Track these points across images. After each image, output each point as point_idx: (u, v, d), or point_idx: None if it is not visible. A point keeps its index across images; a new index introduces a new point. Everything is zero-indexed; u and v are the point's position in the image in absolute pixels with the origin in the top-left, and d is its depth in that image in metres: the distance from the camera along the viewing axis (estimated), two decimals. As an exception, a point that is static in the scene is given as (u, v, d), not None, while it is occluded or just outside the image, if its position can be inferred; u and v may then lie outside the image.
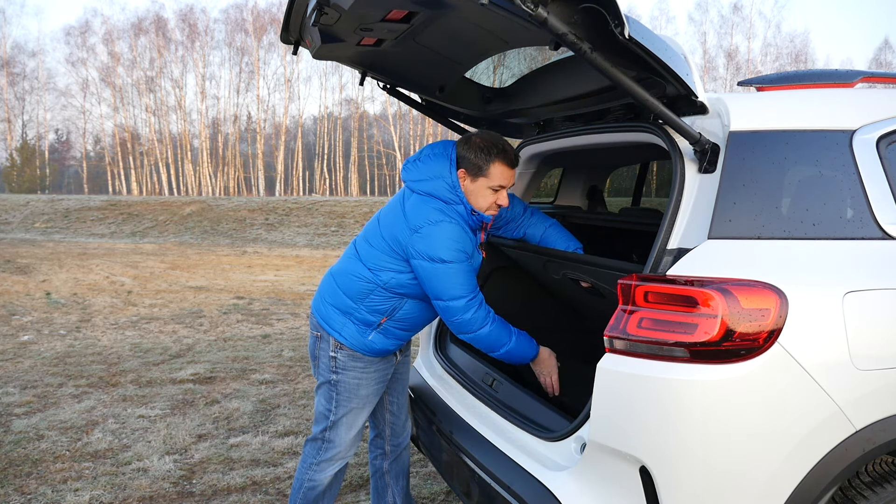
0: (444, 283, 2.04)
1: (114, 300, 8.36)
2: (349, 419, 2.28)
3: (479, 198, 2.13)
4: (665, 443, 1.52)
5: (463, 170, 2.12)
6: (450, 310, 2.06)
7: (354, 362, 2.23)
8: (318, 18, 1.91)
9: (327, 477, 2.33)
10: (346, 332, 2.22)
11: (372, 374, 2.28)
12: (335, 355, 2.23)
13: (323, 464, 2.31)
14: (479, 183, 2.12)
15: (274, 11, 46.80)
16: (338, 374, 2.24)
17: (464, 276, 2.05)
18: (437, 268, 2.03)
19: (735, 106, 1.73)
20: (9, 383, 4.68)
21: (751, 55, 45.51)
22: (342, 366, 2.23)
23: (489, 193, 2.13)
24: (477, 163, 2.10)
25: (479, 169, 2.10)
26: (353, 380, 2.24)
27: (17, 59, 48.04)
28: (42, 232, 21.14)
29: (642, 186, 3.99)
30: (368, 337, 2.21)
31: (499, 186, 2.13)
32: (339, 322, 2.23)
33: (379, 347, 2.24)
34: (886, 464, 1.74)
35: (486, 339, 2.10)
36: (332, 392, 2.26)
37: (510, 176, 2.16)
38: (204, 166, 48.04)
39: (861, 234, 1.67)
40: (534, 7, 1.35)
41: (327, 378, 2.26)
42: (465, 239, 2.07)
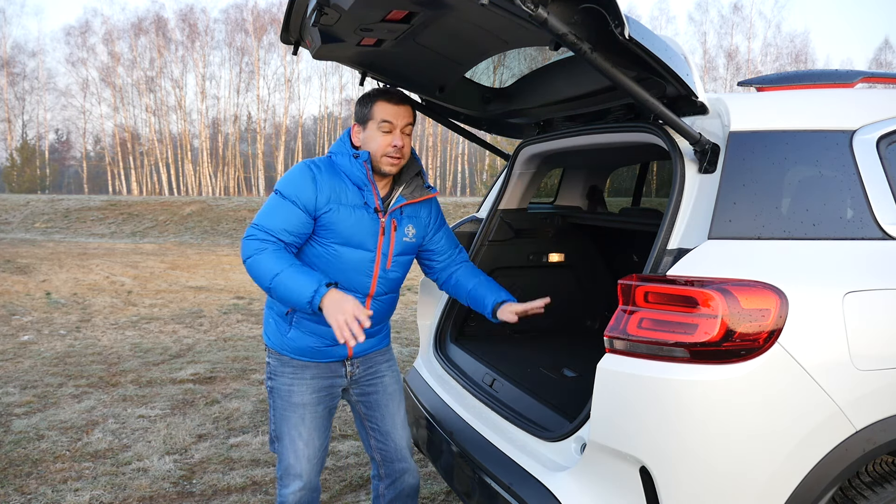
0: (263, 208, 2.02)
1: (114, 300, 8.36)
2: (290, 431, 2.12)
3: (373, 143, 2.08)
4: (665, 443, 1.52)
5: (355, 124, 2.14)
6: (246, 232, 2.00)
7: (284, 367, 2.13)
8: (318, 19, 1.91)
9: (289, 494, 2.13)
10: (269, 330, 2.17)
11: (307, 381, 2.12)
12: (269, 360, 2.18)
13: (284, 478, 2.14)
14: (369, 128, 2.09)
15: (274, 11, 46.82)
16: (272, 379, 2.16)
17: (274, 210, 1.98)
18: (270, 196, 2.05)
19: (735, 106, 1.73)
20: (9, 383, 4.68)
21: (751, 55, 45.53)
22: (274, 371, 2.16)
23: (380, 135, 2.07)
24: (361, 109, 2.12)
25: (364, 114, 2.11)
26: (284, 385, 2.13)
27: (17, 59, 48.06)
28: (42, 232, 21.14)
29: (642, 186, 3.99)
30: (287, 334, 2.10)
31: (384, 123, 2.06)
32: (266, 322, 2.19)
33: (299, 345, 2.10)
34: (886, 464, 1.74)
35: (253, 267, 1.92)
36: (271, 400, 2.18)
37: (395, 112, 2.07)
38: (204, 166, 48.05)
39: (861, 235, 1.67)
40: (534, 7, 1.35)
41: (267, 386, 2.20)
42: (305, 181, 2.01)
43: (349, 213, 2.03)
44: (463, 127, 2.97)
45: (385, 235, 2.09)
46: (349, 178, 2.07)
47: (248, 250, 1.94)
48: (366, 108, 2.10)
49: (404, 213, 2.15)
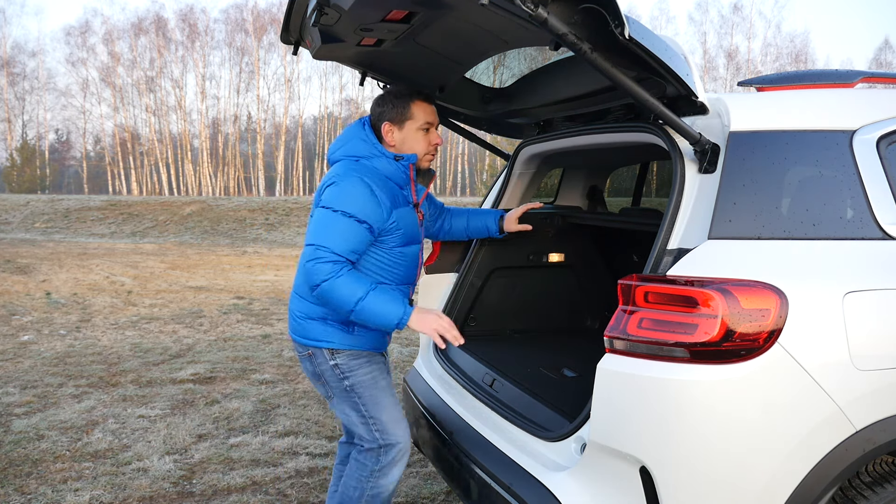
0: (323, 228, 1.96)
1: (114, 300, 8.36)
2: (388, 412, 2.17)
3: (413, 143, 2.11)
4: (665, 443, 1.52)
5: (387, 122, 2.11)
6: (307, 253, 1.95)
7: (356, 360, 2.15)
8: (318, 19, 1.91)
9: (390, 483, 2.20)
10: (331, 336, 2.14)
11: (378, 365, 2.20)
12: (335, 362, 2.14)
13: (387, 467, 2.18)
14: (407, 128, 2.10)
15: (274, 11, 46.82)
16: (348, 377, 2.14)
17: (342, 232, 1.95)
18: (327, 215, 1.96)
19: (735, 106, 1.73)
20: (9, 383, 4.68)
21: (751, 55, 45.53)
22: (347, 369, 2.14)
23: (421, 136, 2.11)
24: (397, 109, 2.10)
25: (402, 114, 2.10)
26: (367, 375, 2.15)
27: (17, 59, 48.07)
28: (42, 232, 21.14)
29: (642, 186, 3.99)
30: (354, 332, 2.14)
31: (427, 125, 2.11)
32: (321, 330, 2.14)
33: (367, 338, 2.16)
34: (886, 464, 1.74)
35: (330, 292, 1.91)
36: (354, 398, 2.15)
37: (433, 112, 2.14)
38: (204, 166, 48.04)
39: (861, 235, 1.67)
40: (534, 7, 1.35)
41: (341, 387, 2.16)
42: (370, 200, 1.98)
43: (406, 213, 2.12)
44: (463, 127, 2.97)
45: (422, 225, 2.24)
46: (393, 181, 2.09)
47: (321, 274, 1.91)
48: (403, 109, 2.10)
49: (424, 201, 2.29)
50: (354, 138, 2.12)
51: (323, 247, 1.94)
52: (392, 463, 2.19)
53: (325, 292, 1.92)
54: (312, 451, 3.54)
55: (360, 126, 2.15)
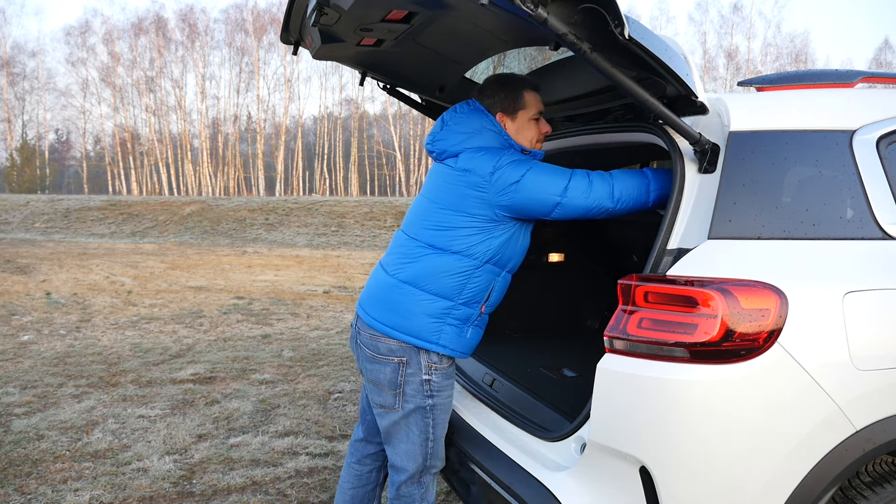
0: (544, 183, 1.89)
1: (114, 300, 8.36)
2: (444, 431, 2.14)
3: (526, 132, 2.10)
4: (665, 443, 1.52)
5: (500, 112, 2.08)
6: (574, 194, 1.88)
7: (448, 380, 2.07)
8: (318, 19, 1.91)
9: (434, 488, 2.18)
10: (443, 339, 2.00)
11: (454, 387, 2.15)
12: (429, 377, 2.02)
13: (430, 486, 2.16)
14: (520, 118, 2.09)
15: (274, 11, 46.83)
16: (433, 397, 2.04)
17: (552, 170, 1.92)
18: (526, 181, 1.90)
19: (735, 106, 1.73)
20: (9, 383, 4.68)
21: (751, 55, 45.54)
22: (437, 388, 2.04)
23: (532, 125, 2.11)
24: (510, 98, 2.07)
25: (514, 103, 2.08)
26: (447, 399, 2.09)
27: (17, 59, 48.08)
28: (42, 232, 21.14)
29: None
30: (467, 335, 2.05)
31: (538, 114, 2.11)
32: (435, 331, 1.99)
33: (474, 342, 2.10)
34: (886, 464, 1.74)
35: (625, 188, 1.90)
36: (428, 418, 2.06)
37: (540, 101, 2.14)
38: (204, 166, 48.05)
39: (861, 235, 1.67)
40: (534, 7, 1.36)
41: (420, 404, 2.03)
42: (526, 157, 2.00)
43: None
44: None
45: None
46: None
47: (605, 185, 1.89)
48: (517, 100, 2.08)
49: None
50: (482, 130, 2.05)
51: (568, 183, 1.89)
52: (432, 480, 2.17)
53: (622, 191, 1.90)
54: (312, 451, 3.54)
55: (482, 115, 2.07)
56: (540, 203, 1.91)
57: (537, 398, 2.22)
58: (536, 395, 2.25)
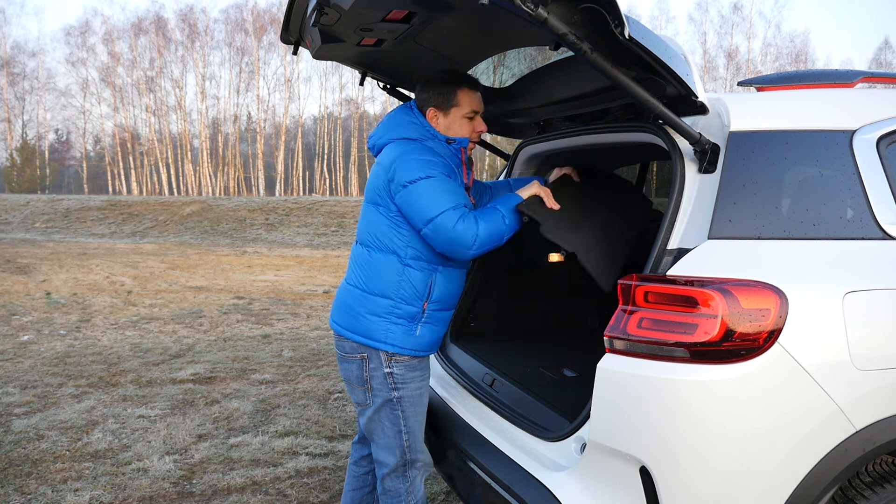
0: (427, 198, 1.92)
1: (114, 300, 8.36)
2: (420, 429, 2.16)
3: (458, 129, 2.12)
4: (665, 443, 1.52)
5: (432, 108, 2.10)
6: (440, 228, 1.91)
7: (412, 372, 2.09)
8: (318, 19, 1.91)
9: (423, 487, 2.21)
10: (392, 337, 2.05)
11: (427, 380, 2.18)
12: (391, 370, 2.07)
13: (415, 482, 2.18)
14: (452, 114, 2.10)
15: (274, 11, 46.83)
16: (399, 389, 2.08)
17: (444, 189, 1.94)
18: (416, 187, 1.93)
19: (735, 106, 1.73)
20: (9, 383, 4.68)
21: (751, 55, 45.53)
22: (401, 380, 2.08)
23: (465, 123, 2.12)
24: (442, 95, 2.09)
25: (447, 101, 2.09)
26: (415, 391, 2.11)
27: (17, 59, 48.08)
28: (42, 232, 21.14)
29: (642, 186, 3.99)
30: (416, 333, 2.07)
31: (472, 113, 2.12)
32: (382, 329, 2.05)
33: (430, 339, 2.12)
34: (886, 464, 1.74)
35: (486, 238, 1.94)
36: (397, 410, 2.10)
37: (478, 99, 2.14)
38: (204, 166, 48.04)
39: (861, 235, 1.67)
40: (534, 7, 1.36)
41: (387, 397, 2.09)
42: (437, 160, 1.99)
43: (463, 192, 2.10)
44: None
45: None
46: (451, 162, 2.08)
47: (469, 232, 1.91)
48: (449, 95, 2.09)
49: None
50: (403, 122, 2.10)
51: (442, 213, 1.91)
52: (419, 475, 2.19)
53: (485, 237, 1.94)
54: (312, 451, 3.54)
55: (407, 110, 2.13)
56: (417, 214, 1.95)
57: (537, 398, 2.22)
58: (536, 395, 2.25)
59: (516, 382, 2.37)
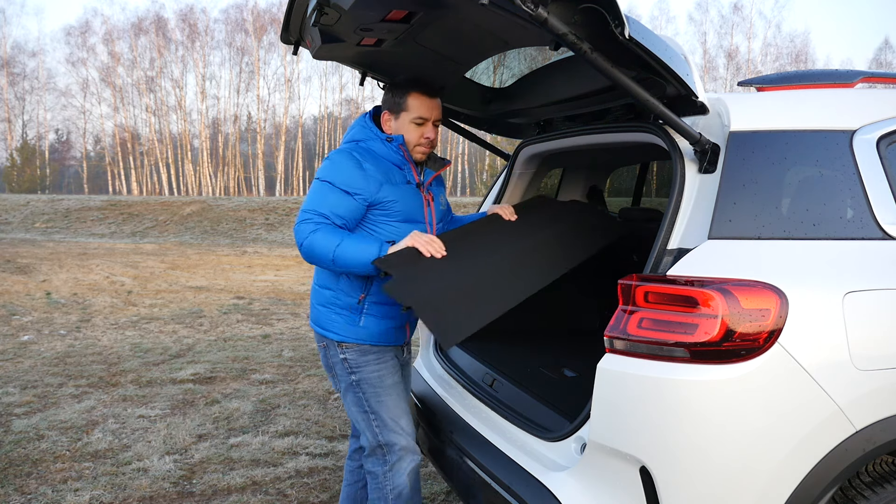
0: (310, 195, 2.05)
1: (114, 300, 8.36)
2: (390, 411, 2.18)
3: (406, 134, 2.17)
4: (665, 443, 1.52)
5: (385, 111, 2.19)
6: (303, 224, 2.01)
7: (366, 356, 2.16)
8: (318, 19, 1.91)
9: (406, 477, 2.20)
10: (336, 326, 2.16)
11: (389, 363, 2.20)
12: (345, 356, 2.17)
13: (395, 467, 2.19)
14: (402, 119, 2.17)
15: (274, 11, 46.80)
16: (355, 373, 2.17)
17: (324, 196, 2.02)
18: (315, 185, 2.06)
19: (735, 106, 1.73)
20: (9, 383, 4.68)
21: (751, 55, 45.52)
22: (356, 364, 2.16)
23: (413, 128, 2.16)
24: (394, 99, 2.16)
25: (398, 105, 2.16)
26: (373, 373, 2.17)
27: (17, 59, 48.06)
28: (42, 232, 21.14)
29: (642, 186, 3.99)
30: (360, 323, 2.15)
31: (420, 119, 2.16)
32: (329, 319, 2.17)
33: (375, 330, 2.16)
34: (887, 464, 1.74)
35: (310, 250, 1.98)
36: (359, 393, 2.18)
37: (430, 107, 2.17)
38: (204, 166, 48.03)
39: (861, 235, 1.67)
40: (534, 7, 1.36)
41: (347, 381, 2.19)
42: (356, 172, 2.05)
43: (402, 191, 2.14)
44: (463, 127, 2.97)
45: (428, 206, 2.24)
46: (388, 160, 2.14)
47: (304, 232, 1.98)
48: (399, 99, 2.16)
49: (434, 184, 2.30)
50: (356, 126, 2.22)
51: (307, 210, 2.02)
52: (398, 462, 2.19)
53: (309, 247, 1.98)
54: (312, 451, 3.54)
55: (364, 116, 2.25)
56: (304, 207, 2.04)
57: (537, 398, 2.22)
58: (536, 395, 2.25)
59: (516, 382, 2.37)
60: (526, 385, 2.35)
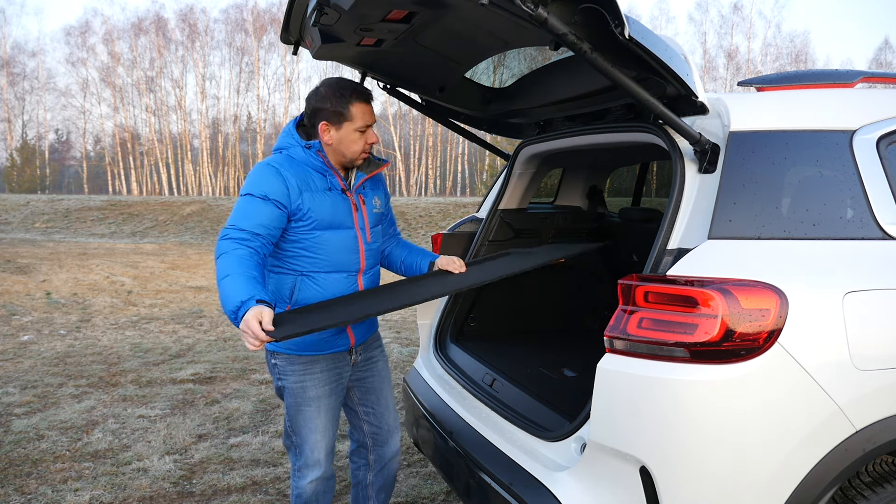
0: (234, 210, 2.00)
1: (114, 300, 8.36)
2: (306, 424, 2.17)
3: (351, 144, 2.09)
4: (665, 443, 1.52)
5: (324, 122, 2.07)
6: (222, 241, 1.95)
7: (292, 366, 2.14)
8: (318, 19, 1.91)
9: (307, 485, 2.21)
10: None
11: (317, 375, 2.15)
12: (275, 362, 2.17)
13: (303, 469, 2.21)
14: (345, 129, 2.07)
15: (274, 11, 46.80)
16: (282, 379, 2.17)
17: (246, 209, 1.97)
18: (238, 200, 2.02)
19: (735, 106, 1.73)
20: (9, 383, 4.68)
21: (751, 55, 45.52)
22: (282, 371, 2.16)
23: (358, 137, 2.09)
24: (336, 110, 2.06)
25: (340, 115, 2.07)
26: (295, 384, 2.15)
27: (17, 59, 48.07)
28: (42, 232, 21.14)
29: (642, 186, 3.99)
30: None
31: (364, 127, 2.10)
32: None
33: (304, 340, 2.10)
34: (886, 464, 1.74)
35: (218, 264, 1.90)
36: (287, 398, 2.19)
37: (371, 112, 2.12)
38: (204, 166, 48.03)
39: (861, 235, 1.67)
40: (534, 7, 1.36)
41: (276, 385, 2.22)
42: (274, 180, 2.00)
43: (323, 197, 2.08)
44: (463, 127, 2.97)
45: (358, 210, 2.17)
46: (309, 167, 2.09)
47: (221, 248, 1.91)
48: (343, 110, 2.06)
49: (366, 187, 2.23)
50: (282, 134, 2.18)
51: (230, 225, 1.96)
52: (304, 467, 2.20)
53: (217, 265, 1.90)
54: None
55: (290, 124, 2.19)
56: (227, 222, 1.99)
57: (537, 398, 2.22)
58: (536, 395, 2.25)
59: (516, 382, 2.37)
60: (526, 385, 2.35)
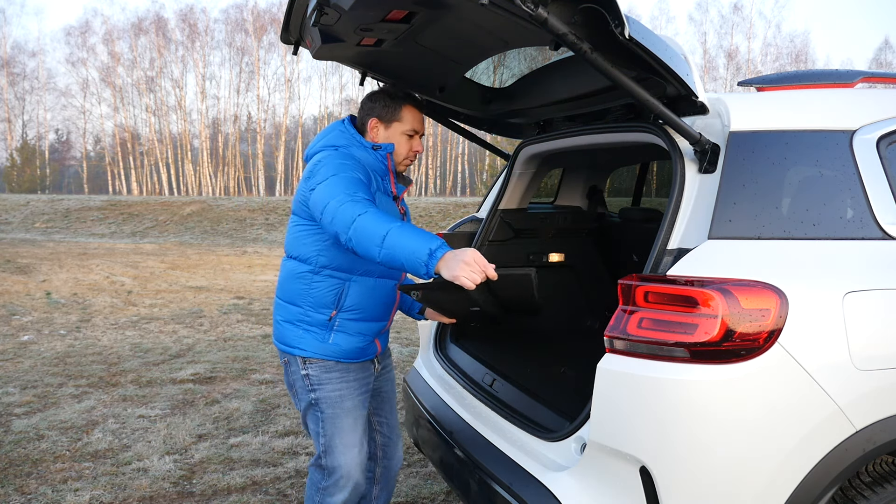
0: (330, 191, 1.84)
1: (114, 300, 8.36)
2: (343, 438, 2.11)
3: (397, 146, 2.13)
4: (665, 443, 1.52)
5: (374, 118, 2.12)
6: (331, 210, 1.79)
7: (329, 373, 2.09)
8: (318, 19, 1.91)
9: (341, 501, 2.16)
10: (304, 343, 2.07)
11: (352, 383, 2.12)
12: (307, 372, 2.09)
13: (331, 488, 2.14)
14: (393, 129, 2.12)
15: (274, 11, 46.81)
16: (316, 391, 2.09)
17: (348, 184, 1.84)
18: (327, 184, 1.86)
19: (735, 106, 1.73)
20: (9, 383, 4.68)
21: (751, 55, 45.52)
22: (317, 381, 2.09)
23: (405, 140, 2.14)
24: (388, 107, 2.11)
25: (392, 114, 2.11)
26: (334, 392, 2.09)
27: (17, 59, 48.09)
28: (42, 232, 21.14)
29: (642, 186, 3.99)
30: (329, 340, 2.07)
31: (412, 131, 2.14)
32: (295, 336, 2.08)
33: (346, 347, 2.09)
34: (887, 464, 1.74)
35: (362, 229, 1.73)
36: (317, 412, 2.11)
37: (421, 120, 2.16)
38: (204, 166, 48.03)
39: (861, 235, 1.67)
40: (534, 7, 1.36)
41: (307, 399, 2.11)
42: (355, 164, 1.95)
43: (383, 199, 2.09)
44: (463, 127, 2.97)
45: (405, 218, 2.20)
46: (370, 169, 2.07)
47: (355, 209, 1.74)
48: (394, 110, 2.11)
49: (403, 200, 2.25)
50: (333, 131, 2.14)
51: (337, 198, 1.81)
52: (336, 486, 2.14)
53: (358, 231, 1.73)
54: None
55: (340, 122, 2.18)
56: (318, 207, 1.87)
57: (537, 398, 2.22)
58: (536, 395, 2.25)
59: (516, 382, 2.37)
60: (526, 385, 2.35)
